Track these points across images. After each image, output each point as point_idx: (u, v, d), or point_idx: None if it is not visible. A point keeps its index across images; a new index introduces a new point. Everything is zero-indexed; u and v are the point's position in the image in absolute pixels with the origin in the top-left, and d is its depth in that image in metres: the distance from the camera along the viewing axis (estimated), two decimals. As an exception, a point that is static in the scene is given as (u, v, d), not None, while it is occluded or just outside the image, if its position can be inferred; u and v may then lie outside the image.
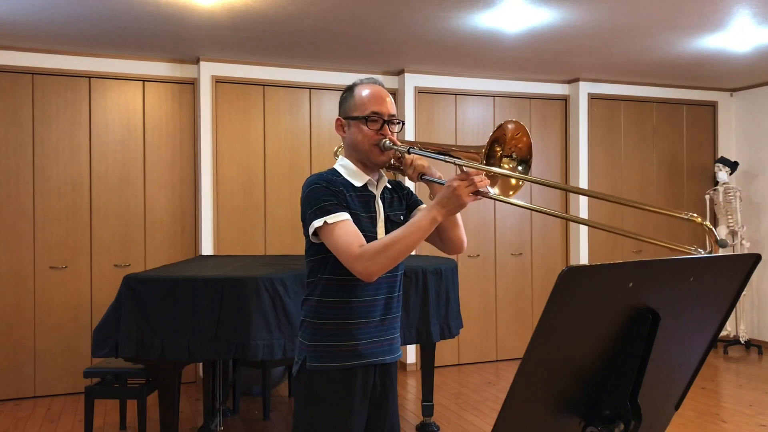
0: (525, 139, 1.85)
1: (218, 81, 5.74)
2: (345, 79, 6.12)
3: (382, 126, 2.03)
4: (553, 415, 1.23)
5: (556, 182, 1.63)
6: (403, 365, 6.23)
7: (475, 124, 6.50)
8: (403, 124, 2.12)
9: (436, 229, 2.05)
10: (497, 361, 6.53)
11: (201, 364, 5.31)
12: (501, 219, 6.56)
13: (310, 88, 6.04)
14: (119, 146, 5.60)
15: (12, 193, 5.31)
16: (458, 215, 2.03)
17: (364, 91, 2.05)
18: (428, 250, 6.03)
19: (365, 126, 2.02)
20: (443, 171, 2.09)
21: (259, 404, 5.07)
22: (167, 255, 5.69)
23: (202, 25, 4.71)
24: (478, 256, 6.44)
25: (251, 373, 5.23)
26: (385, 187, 2.14)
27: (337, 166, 2.10)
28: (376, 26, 4.77)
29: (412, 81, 6.21)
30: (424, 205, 2.19)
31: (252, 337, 3.39)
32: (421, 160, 2.06)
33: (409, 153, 2.01)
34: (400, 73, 6.23)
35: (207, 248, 5.65)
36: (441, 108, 6.37)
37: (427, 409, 4.46)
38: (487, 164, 1.79)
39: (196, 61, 5.71)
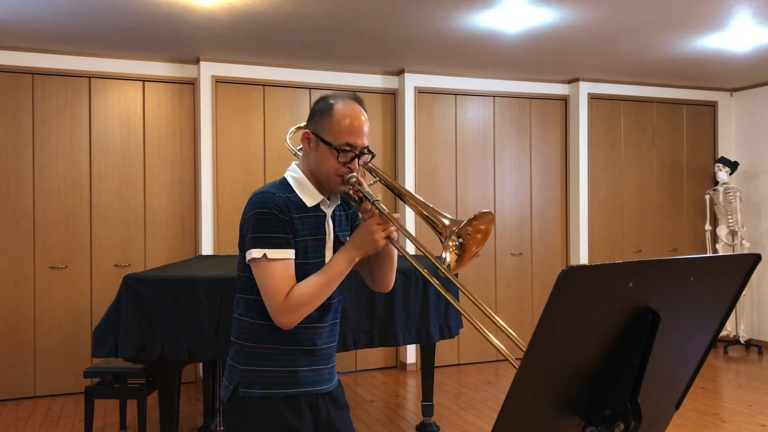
0: (474, 248, 1.83)
1: (218, 81, 5.74)
2: (345, 79, 6.12)
3: (352, 159, 1.87)
4: (553, 415, 1.23)
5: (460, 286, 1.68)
6: (403, 365, 6.24)
7: (475, 124, 6.50)
8: (374, 155, 1.96)
9: (368, 264, 2.03)
10: (497, 361, 6.53)
11: (201, 364, 5.31)
12: (501, 219, 6.56)
13: (310, 88, 6.04)
14: (119, 146, 5.60)
15: (12, 193, 5.31)
16: (395, 258, 2.00)
17: (343, 115, 1.86)
18: (428, 250, 6.04)
19: (335, 157, 1.85)
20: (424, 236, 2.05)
21: (259, 404, 5.06)
22: (167, 255, 5.70)
23: (202, 25, 4.71)
24: (478, 256, 6.43)
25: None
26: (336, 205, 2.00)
27: (288, 178, 1.93)
28: (376, 26, 4.77)
29: (412, 81, 6.21)
30: None
31: (252, 337, 3.39)
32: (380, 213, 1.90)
33: (373, 204, 1.86)
34: (400, 73, 6.23)
35: (207, 248, 5.65)
36: (441, 108, 6.37)
37: (427, 409, 4.46)
38: (447, 236, 1.78)
39: (196, 61, 5.71)
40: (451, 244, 1.79)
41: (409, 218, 6.00)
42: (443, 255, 1.79)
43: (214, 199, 5.69)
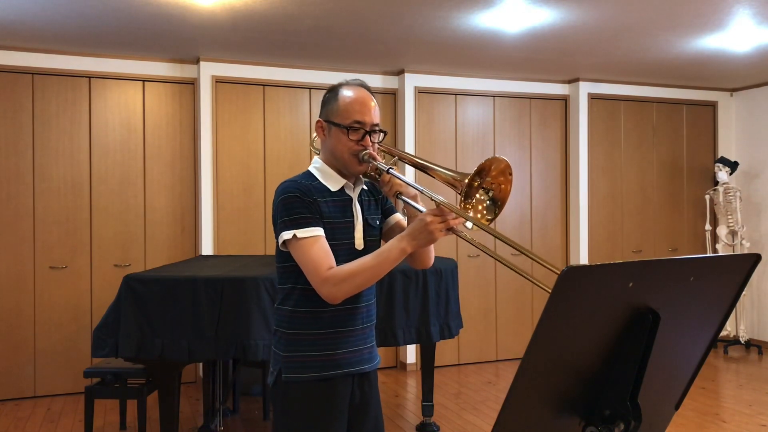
0: (506, 186, 1.80)
1: (218, 81, 5.74)
2: (345, 79, 6.11)
3: (363, 136, 1.93)
4: (553, 415, 1.23)
5: (511, 240, 1.64)
6: (403, 365, 6.23)
7: (475, 124, 6.50)
8: (386, 133, 2.03)
9: None
10: (497, 361, 6.53)
11: (201, 364, 5.31)
12: (501, 219, 6.56)
13: (310, 88, 6.04)
14: (119, 146, 5.60)
15: (12, 193, 5.31)
16: None
17: (349, 96, 1.96)
18: (428, 250, 6.03)
19: (346, 136, 1.93)
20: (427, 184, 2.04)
21: (259, 404, 5.07)
22: (167, 255, 5.69)
23: (202, 25, 4.71)
24: (477, 256, 6.44)
25: (251, 373, 5.23)
26: (362, 189, 2.06)
27: (312, 169, 2.02)
28: (376, 26, 4.77)
29: (412, 81, 6.20)
30: (397, 214, 2.14)
31: (252, 337, 3.39)
32: (398, 180, 1.96)
33: (388, 173, 1.92)
34: (400, 73, 6.23)
35: (207, 248, 5.65)
36: (441, 108, 6.37)
37: (427, 409, 4.46)
38: (464, 190, 1.76)
39: (196, 61, 5.71)
40: (477, 205, 1.81)
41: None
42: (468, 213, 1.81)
43: (214, 199, 5.69)
